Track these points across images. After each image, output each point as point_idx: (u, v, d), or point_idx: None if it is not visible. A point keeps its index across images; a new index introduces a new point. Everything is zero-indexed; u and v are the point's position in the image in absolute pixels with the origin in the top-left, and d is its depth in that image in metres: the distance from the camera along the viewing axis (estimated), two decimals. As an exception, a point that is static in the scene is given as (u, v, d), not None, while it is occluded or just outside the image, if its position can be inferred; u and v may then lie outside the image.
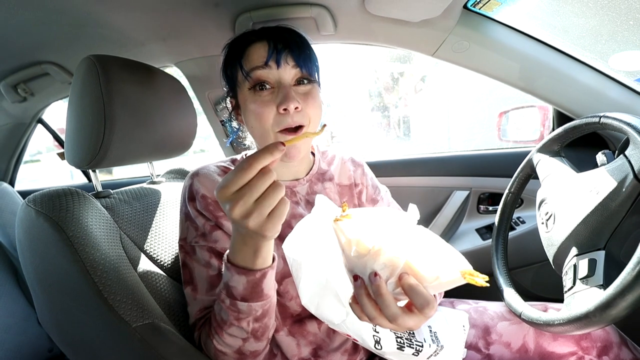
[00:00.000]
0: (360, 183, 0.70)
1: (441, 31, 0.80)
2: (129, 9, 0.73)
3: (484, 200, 1.16)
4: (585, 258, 0.51)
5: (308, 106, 0.53)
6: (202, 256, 0.54)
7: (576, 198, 0.54)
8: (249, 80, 0.53)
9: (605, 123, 0.54)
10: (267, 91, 0.53)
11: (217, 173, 0.58)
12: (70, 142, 0.57)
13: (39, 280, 0.53)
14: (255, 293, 0.45)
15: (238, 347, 0.48)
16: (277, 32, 0.54)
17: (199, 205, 0.54)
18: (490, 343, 0.65)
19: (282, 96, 0.51)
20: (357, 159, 0.73)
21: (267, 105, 0.52)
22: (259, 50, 0.53)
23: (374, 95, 3.78)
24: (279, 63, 0.52)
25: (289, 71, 0.53)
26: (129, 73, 0.58)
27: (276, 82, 0.53)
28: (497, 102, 1.60)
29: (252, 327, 0.47)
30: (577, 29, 1.06)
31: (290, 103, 0.50)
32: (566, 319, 0.46)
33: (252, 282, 0.44)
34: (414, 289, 0.34)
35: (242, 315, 0.46)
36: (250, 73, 0.52)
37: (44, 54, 0.93)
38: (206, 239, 0.54)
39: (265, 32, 0.54)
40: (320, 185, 0.65)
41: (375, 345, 0.48)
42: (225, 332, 0.47)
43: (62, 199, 0.52)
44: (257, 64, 0.52)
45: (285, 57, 0.52)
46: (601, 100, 0.84)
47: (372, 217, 0.39)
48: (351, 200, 0.67)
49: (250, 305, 0.45)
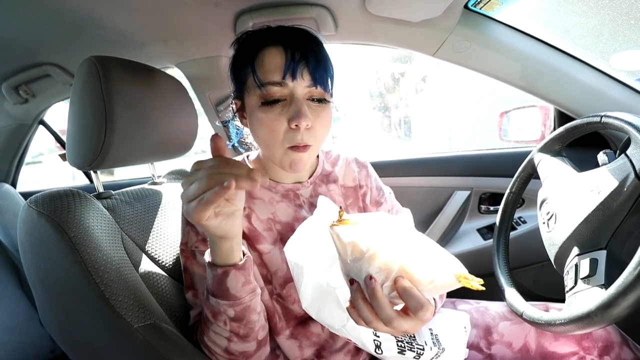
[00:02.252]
0: (365, 185, 0.68)
1: (442, 31, 0.80)
2: (129, 10, 0.73)
3: (485, 200, 1.16)
4: (587, 258, 0.50)
5: (318, 124, 0.51)
6: (202, 261, 0.53)
7: (577, 198, 0.54)
8: (262, 90, 0.50)
9: (607, 122, 0.54)
10: (279, 104, 0.50)
11: None
12: (72, 143, 0.57)
13: (40, 281, 0.53)
14: (221, 290, 0.45)
15: (225, 346, 0.48)
16: (294, 37, 0.51)
17: None
18: (491, 343, 0.65)
19: (294, 111, 0.49)
20: (362, 159, 0.71)
21: (278, 119, 0.50)
22: (274, 58, 0.49)
23: (375, 95, 3.78)
24: (294, 76, 0.49)
25: (304, 86, 0.50)
26: (130, 74, 0.58)
27: (289, 95, 0.50)
28: (498, 102, 1.60)
29: (231, 327, 0.47)
30: (578, 29, 1.06)
31: (302, 120, 0.48)
32: (567, 318, 0.46)
33: (215, 277, 0.45)
34: (408, 291, 0.34)
35: (215, 311, 0.46)
36: (266, 86, 0.49)
37: (45, 56, 0.94)
38: (206, 243, 0.53)
39: (281, 35, 0.51)
40: (325, 187, 0.64)
41: (376, 350, 0.47)
42: (210, 329, 0.48)
43: (64, 199, 0.52)
44: (273, 78, 0.49)
45: (302, 71, 0.49)
46: (602, 99, 0.84)
47: (368, 221, 0.39)
48: (356, 202, 0.66)
49: (218, 302, 0.45)
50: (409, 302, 0.34)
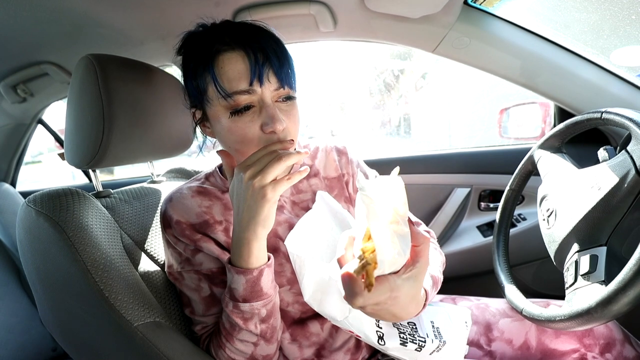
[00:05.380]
0: (347, 172, 0.65)
1: (441, 27, 0.80)
2: (127, 7, 0.72)
3: (485, 198, 1.16)
4: (587, 254, 0.50)
5: (291, 123, 0.49)
6: (190, 281, 0.54)
7: (577, 194, 0.54)
8: (228, 101, 0.46)
9: (607, 119, 0.54)
10: (249, 111, 0.46)
11: (190, 195, 0.54)
12: (70, 142, 0.57)
13: (40, 280, 0.53)
14: (255, 292, 0.46)
15: (250, 352, 0.49)
16: (253, 38, 0.47)
17: (174, 231, 0.52)
18: (491, 340, 0.65)
19: (266, 117, 0.46)
20: (340, 145, 0.68)
21: (250, 127, 0.46)
22: (235, 64, 0.45)
23: (374, 92, 3.77)
24: (261, 81, 0.46)
25: (272, 90, 0.47)
26: (128, 72, 0.58)
27: (258, 101, 0.47)
28: (498, 99, 1.59)
29: (261, 329, 0.48)
30: (579, 24, 1.06)
31: (278, 124, 0.45)
32: (568, 315, 0.46)
33: (250, 280, 0.45)
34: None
35: (247, 316, 0.47)
36: (232, 96, 0.45)
37: (43, 54, 0.93)
38: (191, 263, 0.53)
39: (238, 38, 0.46)
40: (306, 182, 0.62)
41: (379, 341, 0.47)
42: (236, 338, 0.48)
43: (62, 199, 0.52)
44: (239, 87, 0.45)
45: (267, 74, 0.46)
46: (603, 95, 0.84)
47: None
48: (342, 192, 0.64)
49: (252, 306, 0.46)
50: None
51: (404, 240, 0.32)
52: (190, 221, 0.52)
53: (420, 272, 0.35)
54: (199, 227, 0.53)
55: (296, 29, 0.86)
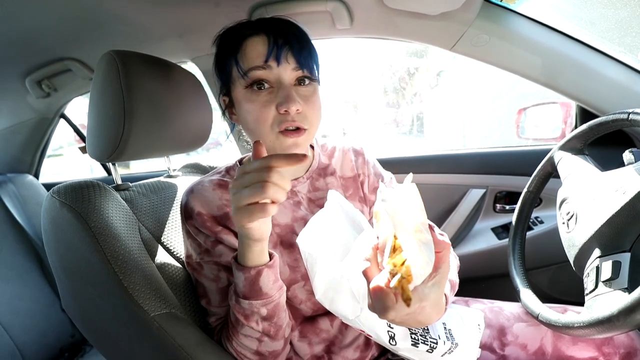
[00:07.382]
0: (362, 173, 0.66)
1: (460, 24, 0.78)
2: (147, 4, 0.74)
3: (501, 199, 1.13)
4: (609, 260, 0.49)
5: (309, 108, 0.50)
6: (209, 271, 0.54)
7: (600, 198, 0.52)
8: (245, 79, 0.49)
9: (635, 120, 0.52)
10: (265, 91, 0.49)
11: (211, 188, 0.56)
12: (92, 136, 0.59)
13: (63, 268, 0.55)
14: (254, 291, 0.46)
15: (255, 347, 0.49)
16: (276, 25, 0.50)
17: (196, 223, 0.53)
18: (505, 344, 0.63)
19: (282, 97, 0.48)
20: (357, 146, 0.69)
21: (266, 106, 0.48)
22: (256, 45, 0.49)
23: (389, 90, 3.73)
24: (279, 61, 0.48)
25: (290, 70, 0.49)
26: (148, 68, 0.59)
27: (276, 82, 0.49)
28: (517, 99, 1.55)
29: (262, 327, 0.48)
30: (605, 21, 1.01)
31: (292, 105, 0.47)
32: (587, 322, 0.44)
33: (248, 279, 0.46)
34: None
35: (247, 313, 0.47)
36: (249, 73, 0.48)
37: (66, 51, 0.96)
38: (210, 254, 0.54)
39: (263, 25, 0.50)
40: (322, 180, 0.62)
41: (390, 341, 0.47)
42: (240, 332, 0.49)
43: (85, 190, 0.54)
44: (255, 63, 0.48)
45: (286, 55, 0.48)
46: (629, 96, 0.80)
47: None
48: (356, 192, 0.65)
49: (251, 304, 0.46)
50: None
51: (428, 248, 0.32)
52: (212, 213, 0.53)
53: (443, 278, 0.34)
54: (219, 220, 0.53)
55: (312, 26, 0.85)
